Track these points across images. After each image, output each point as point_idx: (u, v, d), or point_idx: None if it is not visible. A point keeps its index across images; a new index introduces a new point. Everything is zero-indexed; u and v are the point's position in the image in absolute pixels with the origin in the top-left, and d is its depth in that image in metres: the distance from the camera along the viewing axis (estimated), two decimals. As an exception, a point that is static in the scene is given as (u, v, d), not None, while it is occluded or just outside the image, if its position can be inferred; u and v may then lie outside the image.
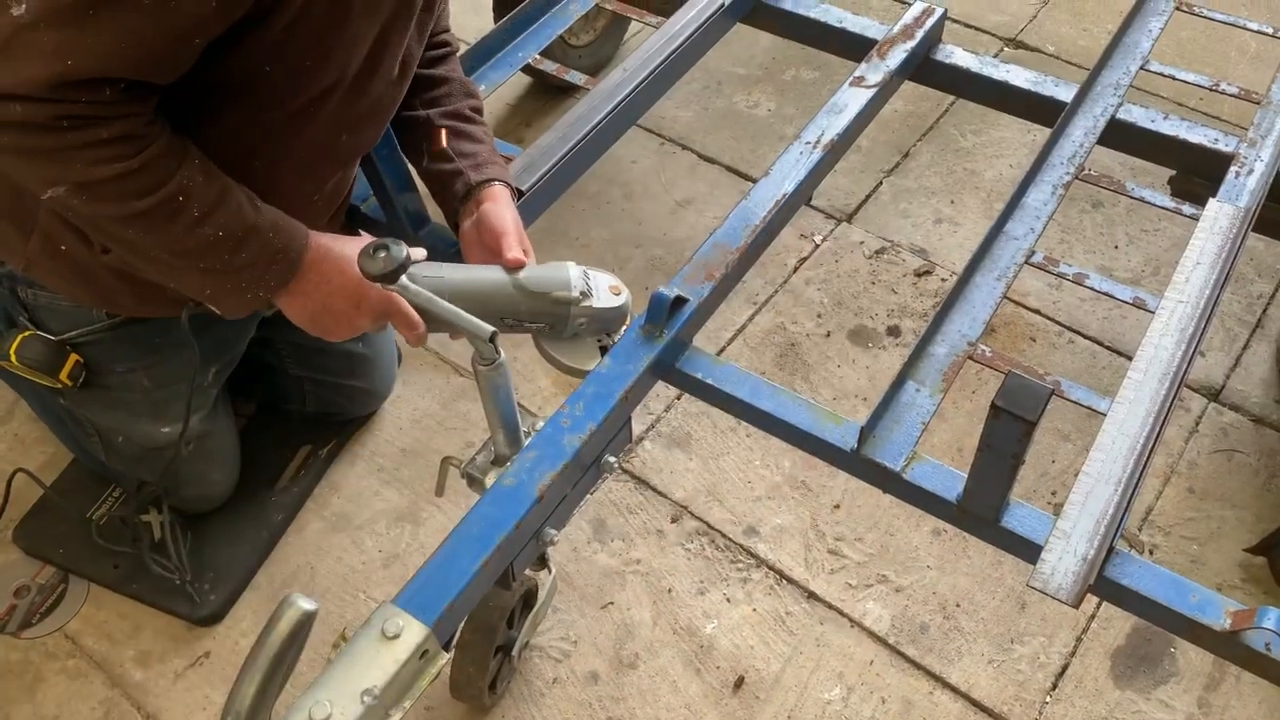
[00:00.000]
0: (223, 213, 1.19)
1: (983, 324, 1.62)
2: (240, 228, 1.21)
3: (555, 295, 1.42)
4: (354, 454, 2.06)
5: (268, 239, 1.23)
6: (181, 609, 1.81)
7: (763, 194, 1.72)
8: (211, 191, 1.19)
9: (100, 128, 1.09)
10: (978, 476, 1.33)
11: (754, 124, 2.67)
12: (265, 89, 1.23)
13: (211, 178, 1.19)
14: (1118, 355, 2.19)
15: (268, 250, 1.24)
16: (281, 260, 1.25)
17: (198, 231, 1.18)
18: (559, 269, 1.44)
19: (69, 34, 1.02)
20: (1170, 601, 1.31)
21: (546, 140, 1.80)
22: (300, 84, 1.26)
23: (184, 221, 1.17)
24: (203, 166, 1.19)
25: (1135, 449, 1.45)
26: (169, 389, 1.61)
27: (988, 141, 2.62)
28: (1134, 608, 1.36)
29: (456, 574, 1.26)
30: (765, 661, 1.78)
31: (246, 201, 1.23)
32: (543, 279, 1.42)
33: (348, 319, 1.33)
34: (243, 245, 1.22)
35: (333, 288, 1.29)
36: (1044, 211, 1.78)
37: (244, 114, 1.25)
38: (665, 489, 1.98)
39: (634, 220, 2.44)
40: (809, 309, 2.26)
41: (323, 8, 1.17)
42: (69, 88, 1.04)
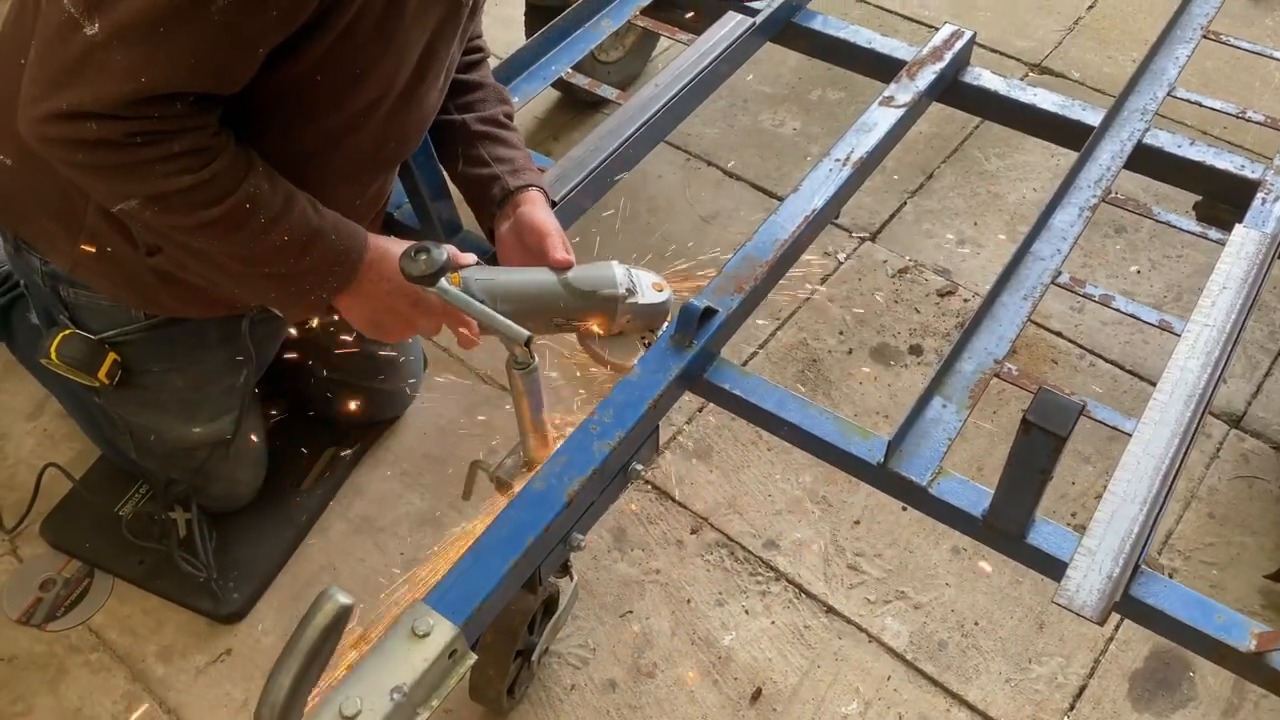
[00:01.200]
0: (288, 218, 1.22)
1: (1009, 342, 1.63)
2: (305, 232, 1.24)
3: (603, 293, 1.45)
4: (378, 458, 2.07)
5: (330, 241, 1.26)
6: (205, 606, 1.82)
7: (792, 209, 1.73)
8: (277, 198, 1.22)
9: (172, 141, 1.12)
10: (1005, 492, 1.34)
11: (779, 142, 2.69)
12: (316, 98, 1.26)
13: (276, 185, 1.22)
14: (1139, 379, 2.20)
15: (330, 253, 1.26)
16: (344, 261, 1.28)
17: (265, 237, 1.21)
18: (604, 267, 1.47)
19: (142, 52, 1.05)
20: (1195, 622, 1.32)
21: (578, 152, 1.83)
22: (351, 92, 1.28)
23: (252, 228, 1.20)
24: (267, 174, 1.22)
25: (1160, 470, 1.46)
26: (203, 390, 1.63)
27: (1012, 165, 2.63)
28: (1158, 627, 1.36)
29: (486, 575, 1.27)
30: (783, 674, 1.78)
31: (309, 206, 1.25)
32: (590, 278, 1.45)
33: (405, 319, 1.36)
34: (307, 249, 1.24)
35: (392, 287, 1.32)
36: (1070, 233, 1.79)
37: (296, 123, 1.28)
38: (686, 500, 1.99)
39: (659, 234, 2.46)
40: (831, 326, 2.28)
41: (375, 15, 1.20)
42: (142, 104, 1.07)
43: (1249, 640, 1.30)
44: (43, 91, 1.08)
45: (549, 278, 1.45)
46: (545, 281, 1.45)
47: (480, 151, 1.56)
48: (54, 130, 1.09)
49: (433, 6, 1.29)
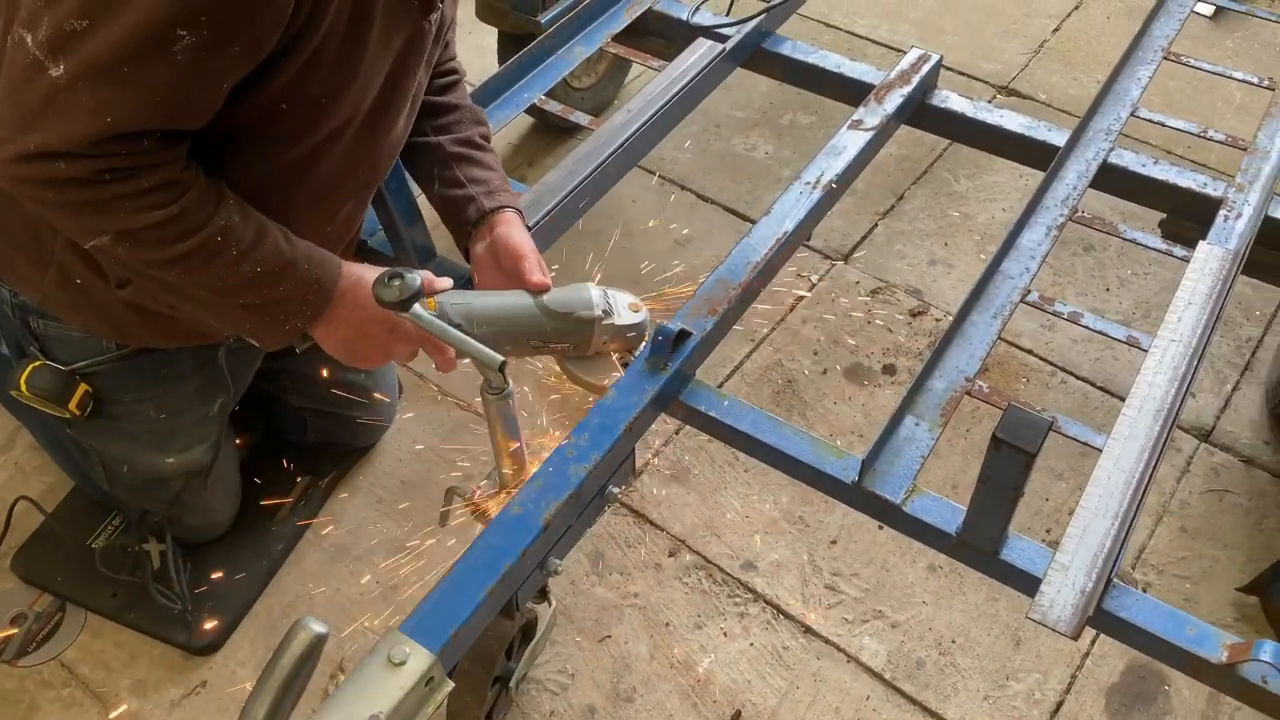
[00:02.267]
0: (260, 250, 1.22)
1: (979, 360, 1.65)
2: (277, 263, 1.24)
3: (579, 315, 1.45)
4: (354, 485, 2.06)
5: (303, 271, 1.26)
6: (179, 638, 1.80)
7: (764, 232, 1.75)
8: (249, 230, 1.22)
9: (141, 178, 1.12)
10: (978, 509, 1.35)
11: (751, 166, 2.72)
12: (281, 126, 1.26)
13: (248, 217, 1.23)
14: (1109, 395, 2.22)
15: (304, 282, 1.26)
16: (318, 290, 1.28)
17: (237, 269, 1.21)
18: (581, 289, 1.48)
19: (107, 91, 1.05)
20: (1167, 634, 1.33)
21: (553, 177, 1.84)
22: (315, 120, 1.29)
23: (224, 261, 1.20)
24: (239, 206, 1.22)
25: (1131, 484, 1.48)
26: (176, 419, 1.62)
27: (981, 186, 2.67)
28: (1131, 640, 1.38)
29: (462, 602, 1.27)
30: (762, 696, 1.78)
31: (281, 237, 1.26)
32: (566, 300, 1.46)
33: (381, 345, 1.36)
34: (281, 279, 1.24)
35: (366, 314, 1.32)
36: (1039, 252, 1.81)
37: (261, 151, 1.28)
38: (664, 523, 2.00)
39: (634, 257, 2.48)
40: (806, 347, 2.29)
41: (336, 44, 1.21)
42: (110, 142, 1.08)
43: (1221, 652, 1.32)
44: (10, 133, 1.08)
45: (525, 300, 1.45)
46: (521, 304, 1.45)
47: (456, 173, 1.56)
48: (23, 171, 1.10)
49: (395, 35, 1.30)
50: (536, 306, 1.45)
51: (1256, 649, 1.28)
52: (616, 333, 1.49)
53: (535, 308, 1.45)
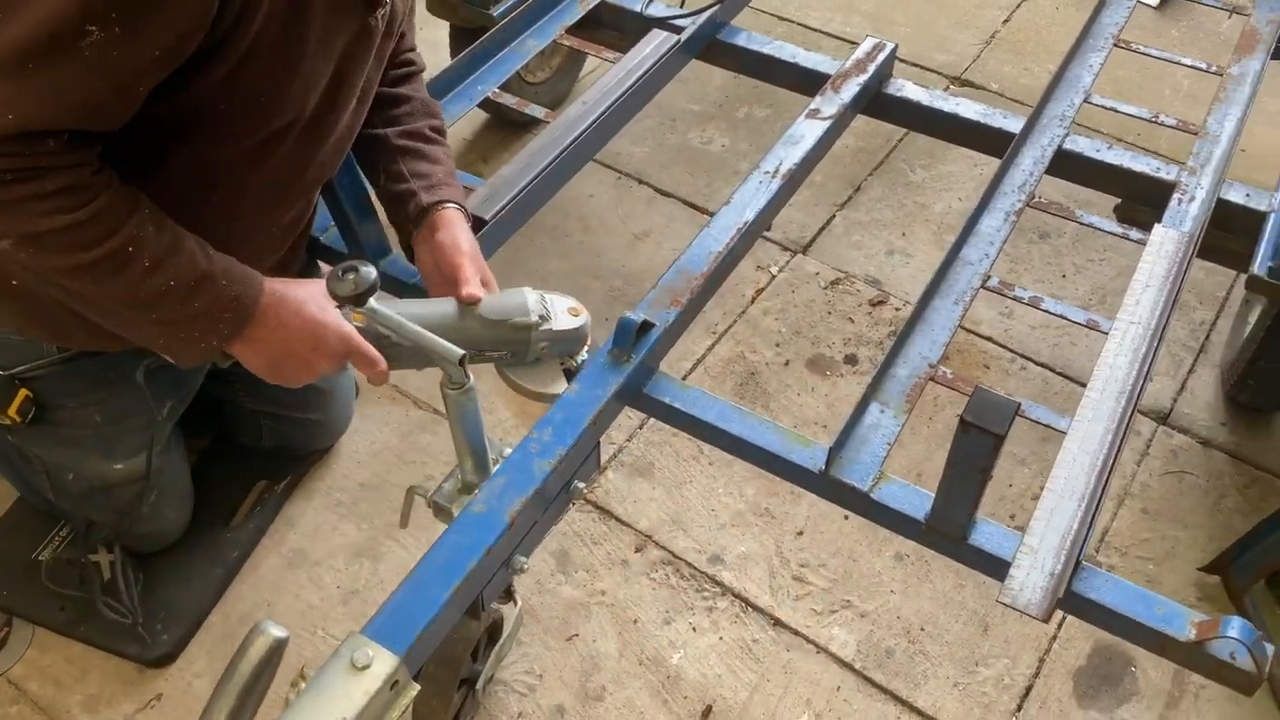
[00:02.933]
0: (174, 263, 1.16)
1: (942, 346, 1.64)
2: (192, 277, 1.18)
3: (514, 321, 1.41)
4: (310, 489, 2.02)
5: (220, 287, 1.20)
6: (132, 651, 1.75)
7: (725, 222, 1.73)
8: (163, 242, 1.16)
9: (45, 180, 1.06)
10: (946, 494, 1.35)
11: (708, 159, 2.70)
12: (219, 126, 1.22)
13: (162, 228, 1.17)
14: (1068, 380, 2.24)
15: (221, 299, 1.21)
16: (235, 308, 1.22)
17: (148, 282, 1.15)
18: (515, 295, 1.44)
19: (9, 88, 1.00)
20: (1136, 614, 1.34)
21: (509, 170, 1.81)
22: (256, 120, 1.24)
23: (134, 272, 1.14)
24: (153, 217, 1.16)
25: (1096, 466, 1.48)
26: (122, 424, 1.57)
27: (936, 176, 2.67)
28: (1100, 621, 1.37)
29: (426, 603, 1.24)
30: (733, 690, 1.77)
31: (198, 250, 1.20)
32: (500, 307, 1.42)
33: (306, 363, 1.30)
34: (195, 294, 1.19)
35: (289, 332, 1.27)
36: (997, 238, 1.82)
37: (199, 151, 1.24)
38: (629, 518, 1.97)
39: (592, 252, 2.45)
40: (767, 338, 2.28)
41: (271, 43, 1.15)
42: (10, 141, 1.02)
43: (1189, 630, 1.32)
44: None
45: (457, 309, 1.40)
46: (453, 313, 1.40)
47: (399, 166, 1.52)
48: None
49: (338, 33, 1.25)
50: (469, 315, 1.40)
51: (1224, 626, 1.29)
52: (555, 339, 1.45)
53: (468, 316, 1.40)
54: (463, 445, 1.37)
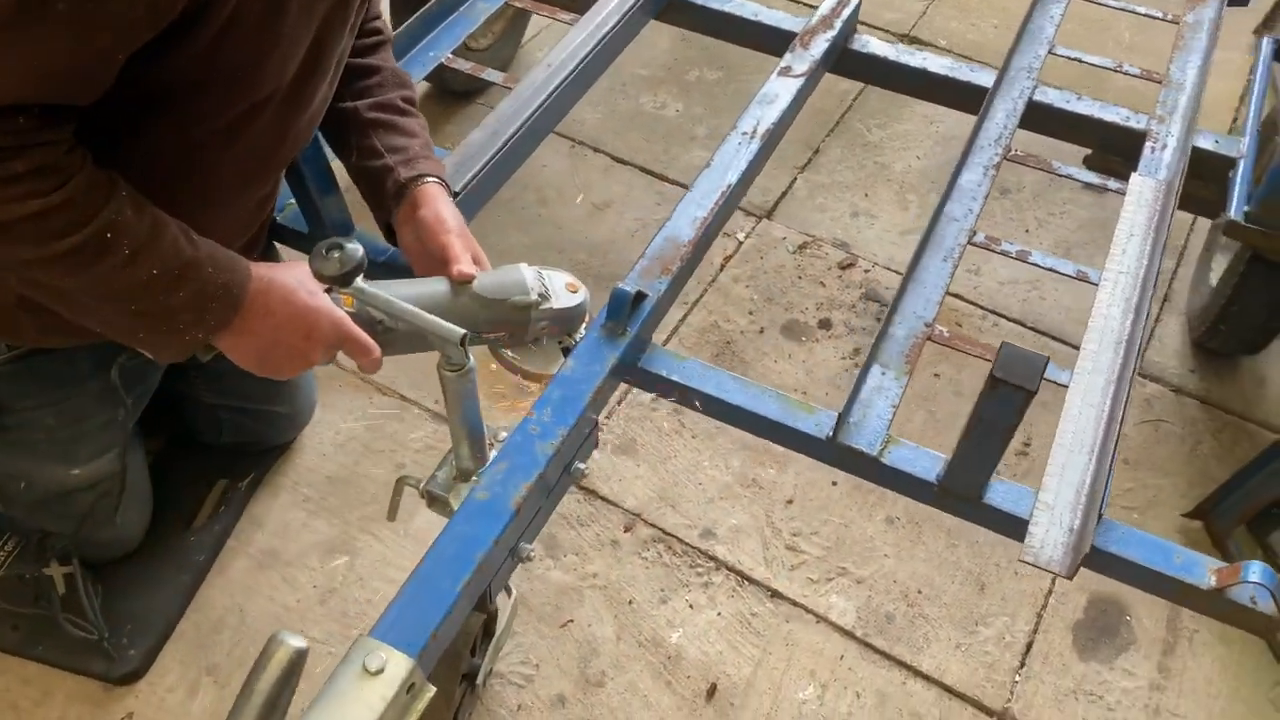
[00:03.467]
0: (155, 249, 1.06)
1: (936, 305, 1.61)
2: (177, 264, 1.08)
3: (514, 301, 1.33)
4: (276, 485, 1.91)
5: (206, 274, 1.10)
6: (97, 668, 1.63)
7: (707, 185, 1.67)
8: (142, 226, 1.05)
9: (14, 160, 0.95)
10: (965, 453, 1.31)
11: (663, 125, 2.63)
12: (197, 102, 1.11)
13: (142, 211, 1.06)
14: (1041, 335, 2.24)
15: (207, 287, 1.10)
16: (223, 297, 1.12)
17: (128, 271, 1.05)
18: (512, 272, 1.35)
19: None
20: (1156, 565, 1.32)
21: (476, 139, 1.72)
22: (235, 94, 1.14)
23: (112, 261, 1.03)
24: (131, 200, 1.05)
25: (1103, 418, 1.46)
26: (79, 426, 1.44)
27: (893, 135, 2.65)
28: (1120, 574, 1.36)
29: (437, 599, 1.16)
30: (736, 666, 1.72)
31: (181, 235, 1.09)
32: (498, 285, 1.33)
33: (298, 353, 1.20)
34: (179, 283, 1.08)
35: (279, 320, 1.17)
36: (979, 193, 1.78)
37: (175, 129, 1.13)
38: (616, 498, 1.91)
39: (552, 225, 2.37)
40: (740, 306, 2.23)
41: (256, 14, 1.06)
42: None
43: (1209, 577, 1.31)
44: None
45: (453, 288, 1.32)
46: (448, 293, 1.31)
47: (373, 141, 1.43)
48: None
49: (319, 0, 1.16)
50: (466, 295, 1.32)
51: (1245, 571, 1.28)
52: (555, 317, 1.37)
53: (465, 296, 1.31)
54: (460, 430, 1.29)
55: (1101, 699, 1.72)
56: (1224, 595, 1.30)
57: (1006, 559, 1.87)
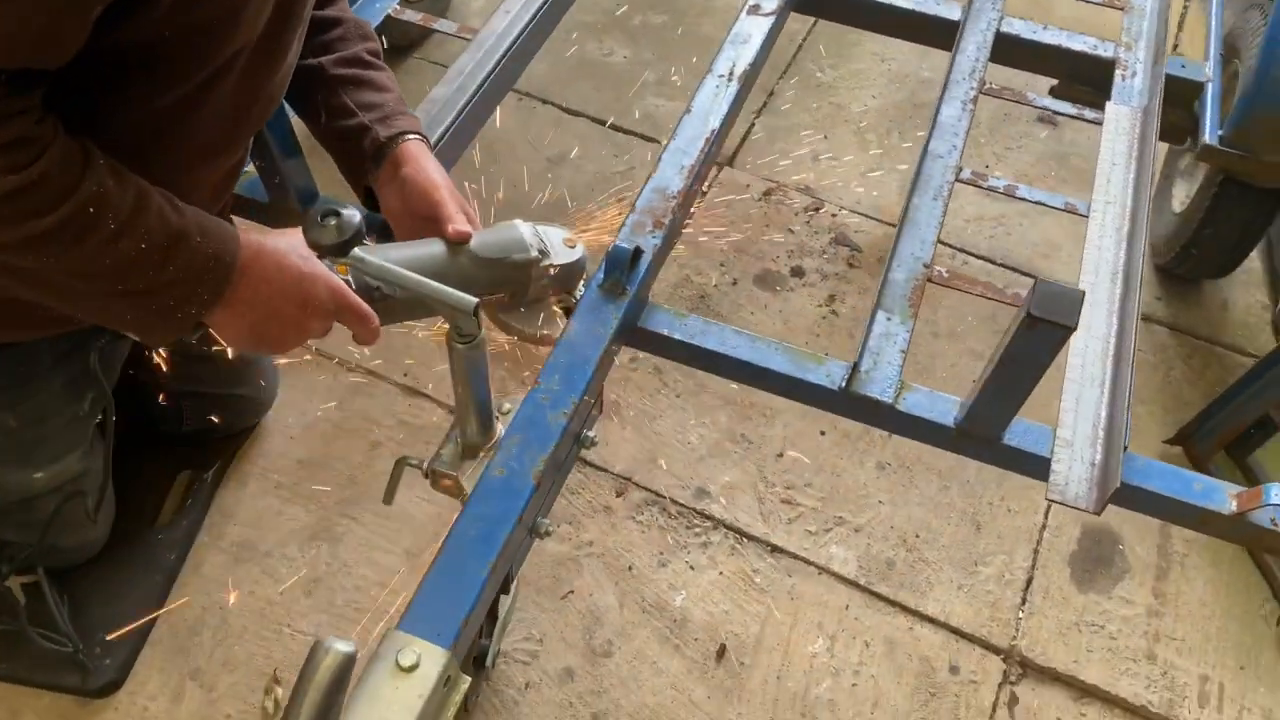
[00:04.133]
0: (141, 221, 0.95)
1: (932, 245, 1.57)
2: (165, 236, 0.97)
3: (513, 259, 1.25)
4: (243, 473, 1.80)
5: (195, 245, 1.00)
6: (71, 682, 1.53)
7: (690, 132, 1.60)
8: (126, 197, 0.94)
9: None
10: (990, 394, 1.27)
11: (612, 72, 2.54)
12: (166, 61, 1.00)
13: (123, 180, 0.95)
14: (1010, 270, 2.23)
15: (198, 259, 1.00)
16: (215, 268, 1.01)
17: (115, 248, 0.94)
18: (509, 229, 1.27)
19: None
20: (1178, 494, 1.31)
21: (441, 94, 1.61)
22: (205, 50, 1.03)
23: (98, 238, 0.93)
24: (110, 168, 0.94)
25: (1110, 350, 1.45)
26: (40, 427, 1.32)
27: (846, 75, 2.60)
28: (1142, 506, 1.35)
29: (465, 585, 1.09)
30: (743, 625, 1.69)
31: (166, 204, 0.99)
32: (496, 243, 1.25)
33: (295, 324, 1.10)
34: (168, 257, 0.98)
35: (274, 290, 1.06)
36: (960, 128, 1.75)
37: (143, 93, 1.02)
38: (604, 463, 1.85)
39: (508, 183, 2.27)
40: (711, 259, 2.17)
41: None
42: None
43: (1229, 503, 1.31)
44: None
45: (451, 249, 1.23)
46: (446, 255, 1.23)
47: (344, 99, 1.32)
48: None
49: None
50: (464, 255, 1.24)
51: (1266, 494, 1.28)
52: (556, 274, 1.30)
53: (463, 256, 1.23)
54: (468, 404, 1.21)
55: (1103, 629, 1.73)
56: (1245, 519, 1.30)
57: (999, 497, 1.87)
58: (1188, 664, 1.71)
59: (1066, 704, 1.66)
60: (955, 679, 1.67)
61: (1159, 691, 1.68)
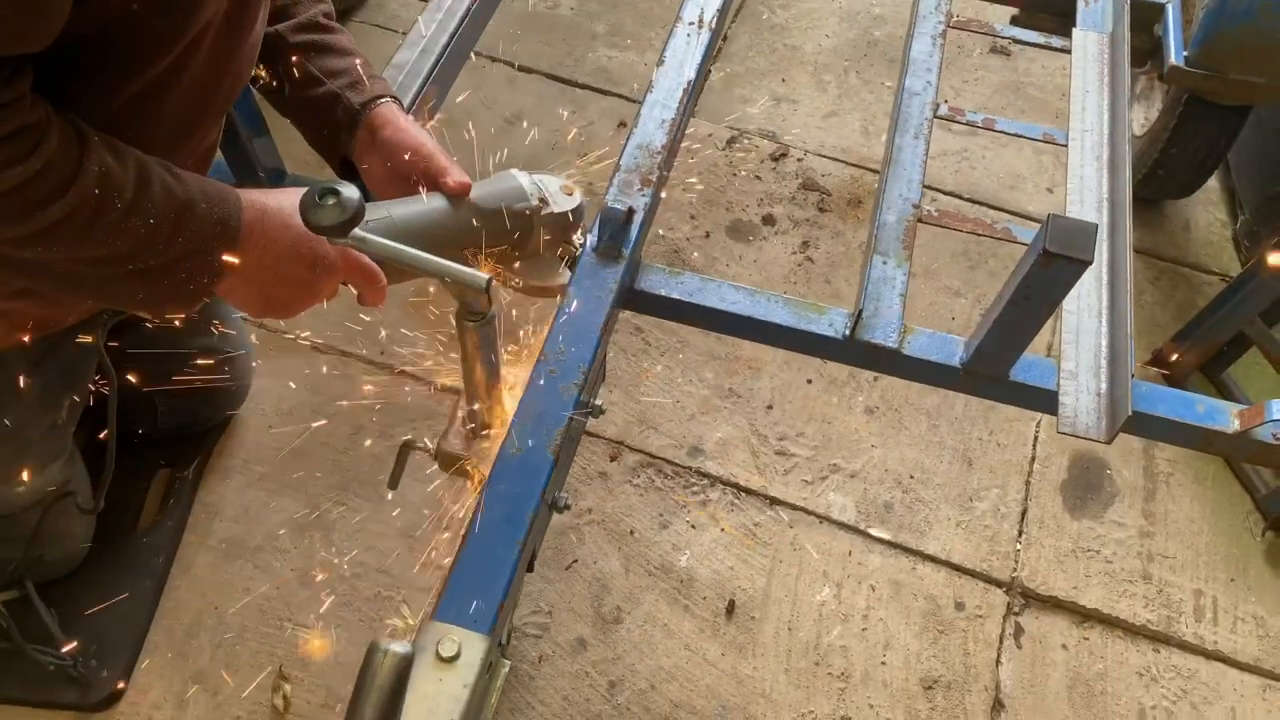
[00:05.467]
0: (148, 197, 0.90)
1: (919, 185, 1.56)
2: (172, 208, 0.92)
3: (515, 209, 1.22)
4: (224, 467, 1.74)
5: (201, 212, 0.94)
6: (69, 698, 1.47)
7: (667, 84, 1.56)
8: (129, 172, 0.89)
9: None
10: (1000, 331, 1.27)
11: (560, 25, 2.47)
12: (135, 40, 0.93)
13: (121, 155, 0.90)
14: (979, 205, 2.23)
15: (205, 226, 0.95)
16: (222, 232, 0.96)
17: (124, 227, 0.88)
18: (507, 178, 1.24)
19: None
20: (1184, 417, 1.33)
21: (404, 59, 1.55)
22: (176, 23, 0.96)
23: (107, 220, 0.87)
24: (107, 143, 0.89)
25: (1103, 279, 1.46)
26: (19, 437, 1.25)
27: (797, 15, 2.56)
28: (1148, 431, 1.36)
29: (497, 567, 1.06)
30: (749, 580, 1.69)
31: (166, 172, 0.93)
32: (495, 194, 1.22)
33: (305, 284, 1.05)
34: (179, 228, 0.92)
35: (281, 249, 1.02)
36: (932, 63, 1.73)
37: (113, 77, 0.95)
38: (595, 428, 1.82)
39: (465, 147, 2.20)
40: (681, 213, 2.14)
41: None
42: None
43: (1233, 421, 1.33)
44: None
45: (452, 204, 1.20)
46: (447, 209, 1.19)
47: (309, 68, 1.25)
48: None
49: None
50: (464, 207, 1.20)
51: (1268, 410, 1.30)
52: (556, 222, 1.27)
53: (464, 209, 1.20)
54: (479, 381, 1.17)
55: (1099, 553, 1.77)
56: (1248, 436, 1.32)
57: (988, 431, 1.88)
58: (1181, 580, 1.75)
59: (1070, 630, 1.69)
60: (961, 615, 1.69)
61: (1156, 609, 1.72)
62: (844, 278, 2.06)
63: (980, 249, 2.11)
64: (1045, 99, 2.44)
